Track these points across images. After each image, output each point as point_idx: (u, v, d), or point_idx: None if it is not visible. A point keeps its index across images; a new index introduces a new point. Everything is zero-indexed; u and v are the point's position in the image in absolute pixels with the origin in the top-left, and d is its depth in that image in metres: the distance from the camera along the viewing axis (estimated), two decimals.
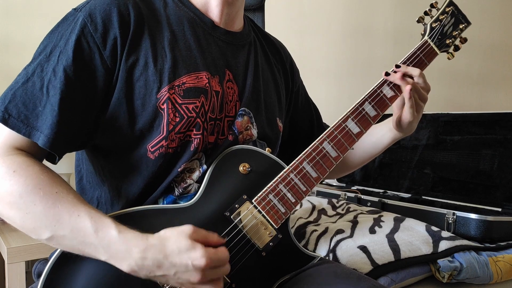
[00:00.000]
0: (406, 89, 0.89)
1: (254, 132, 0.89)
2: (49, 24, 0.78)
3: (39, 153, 0.74)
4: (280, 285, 0.83)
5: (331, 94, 2.62)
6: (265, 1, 1.78)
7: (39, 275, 0.91)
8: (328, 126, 0.89)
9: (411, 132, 1.01)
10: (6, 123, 0.69)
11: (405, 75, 0.91)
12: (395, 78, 0.91)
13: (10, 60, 1.78)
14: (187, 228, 0.67)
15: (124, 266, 0.66)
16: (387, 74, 0.92)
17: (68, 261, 0.70)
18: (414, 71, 0.92)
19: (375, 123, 0.92)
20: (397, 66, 0.93)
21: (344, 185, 2.14)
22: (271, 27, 1.71)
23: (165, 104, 0.76)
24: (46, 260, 0.91)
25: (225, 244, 0.76)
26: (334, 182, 2.19)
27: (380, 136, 1.04)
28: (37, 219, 0.66)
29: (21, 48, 1.80)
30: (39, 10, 1.85)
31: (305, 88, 1.15)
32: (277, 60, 1.04)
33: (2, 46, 1.79)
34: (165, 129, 0.76)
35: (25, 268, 1.36)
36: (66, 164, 1.72)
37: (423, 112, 1.00)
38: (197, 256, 0.65)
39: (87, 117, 0.75)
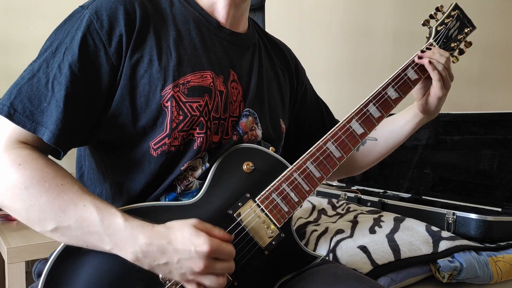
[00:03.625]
0: (426, 63, 0.92)
1: (259, 132, 0.89)
2: (49, 24, 0.78)
3: (44, 148, 0.74)
4: (282, 284, 0.83)
5: (331, 94, 2.62)
6: (265, 1, 1.78)
7: (39, 275, 0.91)
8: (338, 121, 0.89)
9: (436, 114, 1.01)
10: (11, 118, 0.70)
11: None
12: (428, 55, 0.94)
13: (10, 61, 1.78)
14: (192, 219, 0.69)
15: (129, 254, 0.67)
16: (420, 58, 0.94)
17: (68, 260, 0.70)
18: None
19: (379, 125, 0.92)
20: (428, 48, 0.95)
21: (344, 185, 2.15)
22: (271, 27, 1.71)
23: (169, 102, 0.76)
24: (46, 260, 0.91)
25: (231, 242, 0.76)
26: (334, 182, 2.19)
27: (404, 123, 1.05)
28: (42, 211, 0.67)
29: (21, 48, 1.80)
30: (39, 11, 1.84)
31: (312, 87, 1.16)
32: (281, 62, 1.04)
33: (2, 47, 1.78)
34: (168, 127, 0.76)
35: (25, 268, 1.35)
36: (67, 164, 1.72)
37: None
38: (200, 242, 0.66)
39: (91, 113, 0.75)
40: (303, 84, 1.10)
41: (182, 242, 0.66)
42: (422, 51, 0.94)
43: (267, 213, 0.80)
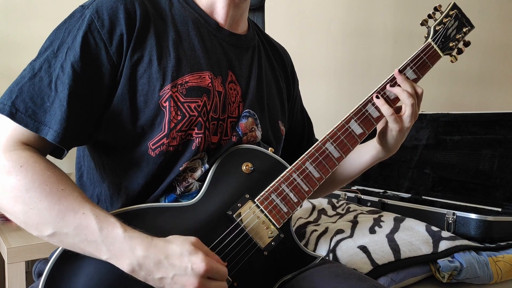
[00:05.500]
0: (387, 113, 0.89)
1: (259, 134, 0.89)
2: (49, 24, 0.78)
3: (45, 148, 0.74)
4: (281, 284, 0.83)
5: (331, 94, 2.62)
6: (265, 1, 1.78)
7: (39, 275, 0.91)
8: (318, 140, 0.89)
9: (393, 150, 0.98)
10: (13, 118, 0.69)
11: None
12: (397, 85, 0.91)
13: (10, 60, 1.78)
14: (192, 237, 0.69)
15: (125, 265, 0.66)
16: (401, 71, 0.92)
17: (69, 260, 0.70)
18: (418, 89, 0.92)
19: (378, 124, 0.92)
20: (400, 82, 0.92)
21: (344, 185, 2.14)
22: (271, 27, 1.71)
23: (167, 102, 0.76)
24: (46, 260, 0.91)
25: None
26: None
27: (363, 152, 1.03)
28: (41, 215, 0.67)
29: (21, 48, 1.80)
30: (39, 10, 1.84)
31: (301, 99, 1.15)
32: (279, 66, 1.04)
33: (2, 46, 1.78)
34: (166, 127, 0.76)
35: (25, 268, 1.36)
36: (66, 164, 1.72)
37: (423, 112, 1.00)
38: (198, 260, 0.66)
39: (93, 112, 0.75)
40: (294, 92, 1.09)
41: (180, 258, 0.66)
42: (377, 97, 0.91)
43: (267, 213, 0.80)
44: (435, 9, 1.00)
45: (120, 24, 0.74)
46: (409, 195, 1.84)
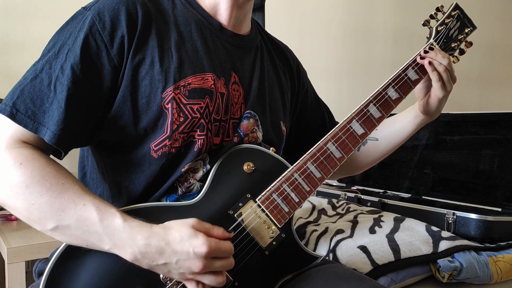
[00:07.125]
0: (426, 64, 0.92)
1: (260, 135, 0.89)
2: (50, 24, 0.79)
3: (46, 148, 0.74)
4: (282, 284, 0.84)
5: (331, 94, 2.62)
6: (265, 1, 1.78)
7: (40, 274, 0.91)
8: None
9: (436, 115, 1.02)
10: (14, 118, 0.70)
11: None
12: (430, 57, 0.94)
13: (10, 60, 1.78)
14: (190, 219, 0.69)
15: (128, 254, 0.67)
16: (422, 58, 0.95)
17: (70, 260, 0.70)
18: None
19: (380, 124, 0.93)
20: (431, 48, 0.95)
21: (344, 185, 2.15)
22: (271, 27, 1.71)
23: (169, 104, 0.76)
24: (47, 259, 0.91)
25: (230, 240, 0.76)
26: (334, 182, 2.19)
27: (405, 123, 1.05)
28: (42, 210, 0.67)
29: (21, 48, 1.79)
30: (39, 10, 1.84)
31: (314, 88, 1.16)
32: (283, 64, 1.04)
33: (2, 46, 1.78)
34: (169, 129, 0.77)
35: (25, 268, 1.35)
36: (68, 164, 1.72)
37: None
38: (198, 243, 0.66)
39: (93, 114, 0.75)
40: (304, 86, 1.10)
41: (181, 244, 0.66)
42: (425, 52, 0.94)
43: (268, 213, 0.80)
44: (437, 9, 1.00)
45: (121, 26, 0.75)
46: (409, 195, 1.84)
